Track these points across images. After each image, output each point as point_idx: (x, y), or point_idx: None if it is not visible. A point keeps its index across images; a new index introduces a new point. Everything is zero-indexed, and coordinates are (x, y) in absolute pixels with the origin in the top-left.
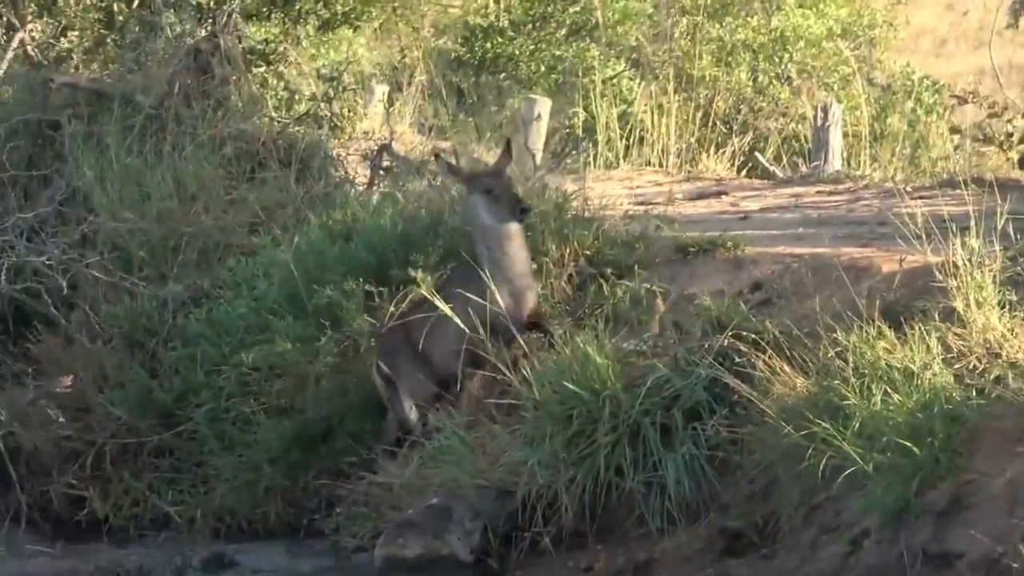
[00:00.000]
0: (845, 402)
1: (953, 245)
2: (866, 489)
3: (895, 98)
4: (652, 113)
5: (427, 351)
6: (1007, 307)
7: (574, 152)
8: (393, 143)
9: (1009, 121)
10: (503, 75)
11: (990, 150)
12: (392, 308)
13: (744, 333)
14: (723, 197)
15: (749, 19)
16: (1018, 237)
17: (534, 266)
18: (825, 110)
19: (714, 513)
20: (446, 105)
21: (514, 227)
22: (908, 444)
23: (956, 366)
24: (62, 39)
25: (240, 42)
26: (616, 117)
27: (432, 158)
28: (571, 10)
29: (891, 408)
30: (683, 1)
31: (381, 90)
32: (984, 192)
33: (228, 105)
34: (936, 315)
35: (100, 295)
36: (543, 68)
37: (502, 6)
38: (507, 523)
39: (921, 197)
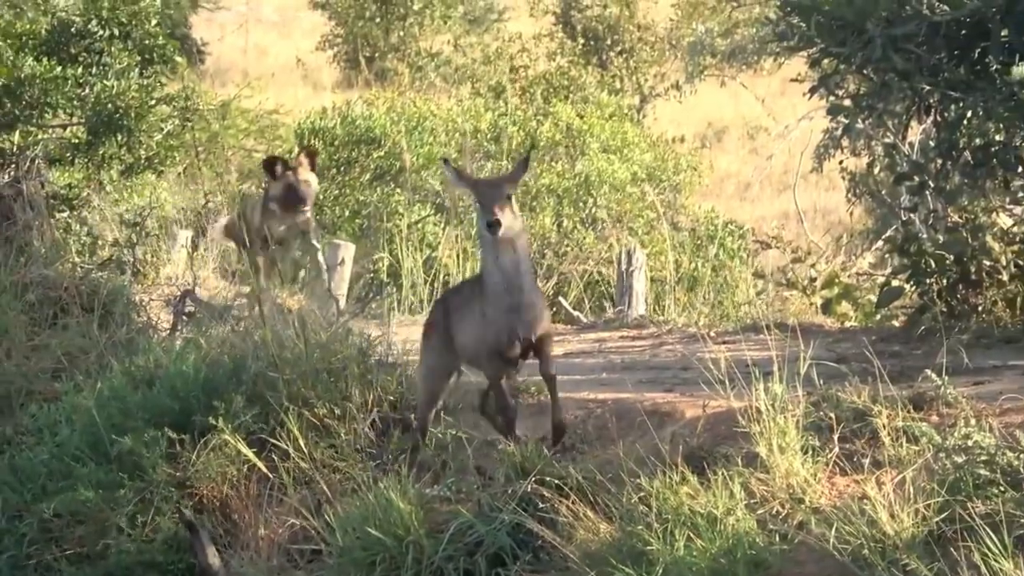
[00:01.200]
0: (648, 548)
1: (756, 390)
2: None
3: (699, 242)
4: (457, 258)
5: (453, 333)
6: (810, 452)
7: (378, 297)
8: (196, 288)
9: (812, 266)
10: None
11: (793, 295)
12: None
13: (548, 478)
14: None
15: (554, 164)
16: (821, 382)
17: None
18: (629, 255)
19: None
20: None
21: (513, 236)
22: None
23: (759, 511)
24: None
25: (43, 187)
26: (421, 262)
27: (441, 162)
28: (375, 155)
29: (694, 554)
30: (488, 146)
31: (184, 235)
32: (787, 337)
33: (30, 251)
34: (739, 460)
35: None
36: (347, 213)
37: None
38: None
39: (725, 342)
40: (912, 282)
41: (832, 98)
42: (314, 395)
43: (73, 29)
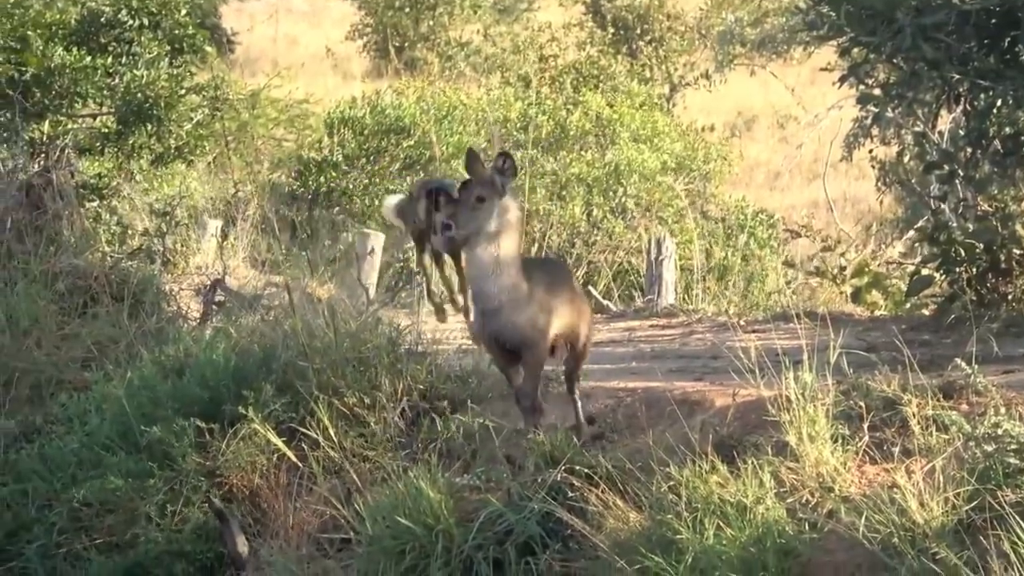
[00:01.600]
0: (678, 536)
1: (786, 379)
2: None
3: (729, 231)
4: None
5: None
6: (839, 441)
7: (407, 287)
8: (226, 278)
9: (842, 254)
10: (337, 209)
11: (823, 283)
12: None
13: (577, 467)
14: None
15: (583, 153)
16: (851, 371)
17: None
18: (659, 244)
19: None
20: (279, 239)
21: (476, 240)
22: None
23: (789, 500)
24: None
25: (73, 177)
26: None
27: (469, 152)
28: (405, 144)
29: (724, 542)
30: (517, 135)
31: (214, 224)
32: (817, 326)
33: (61, 240)
34: (769, 449)
35: None
36: (377, 202)
37: (336, 141)
38: None
39: (754, 331)
40: (942, 271)
41: (862, 87)
42: (344, 384)
43: (103, 19)
